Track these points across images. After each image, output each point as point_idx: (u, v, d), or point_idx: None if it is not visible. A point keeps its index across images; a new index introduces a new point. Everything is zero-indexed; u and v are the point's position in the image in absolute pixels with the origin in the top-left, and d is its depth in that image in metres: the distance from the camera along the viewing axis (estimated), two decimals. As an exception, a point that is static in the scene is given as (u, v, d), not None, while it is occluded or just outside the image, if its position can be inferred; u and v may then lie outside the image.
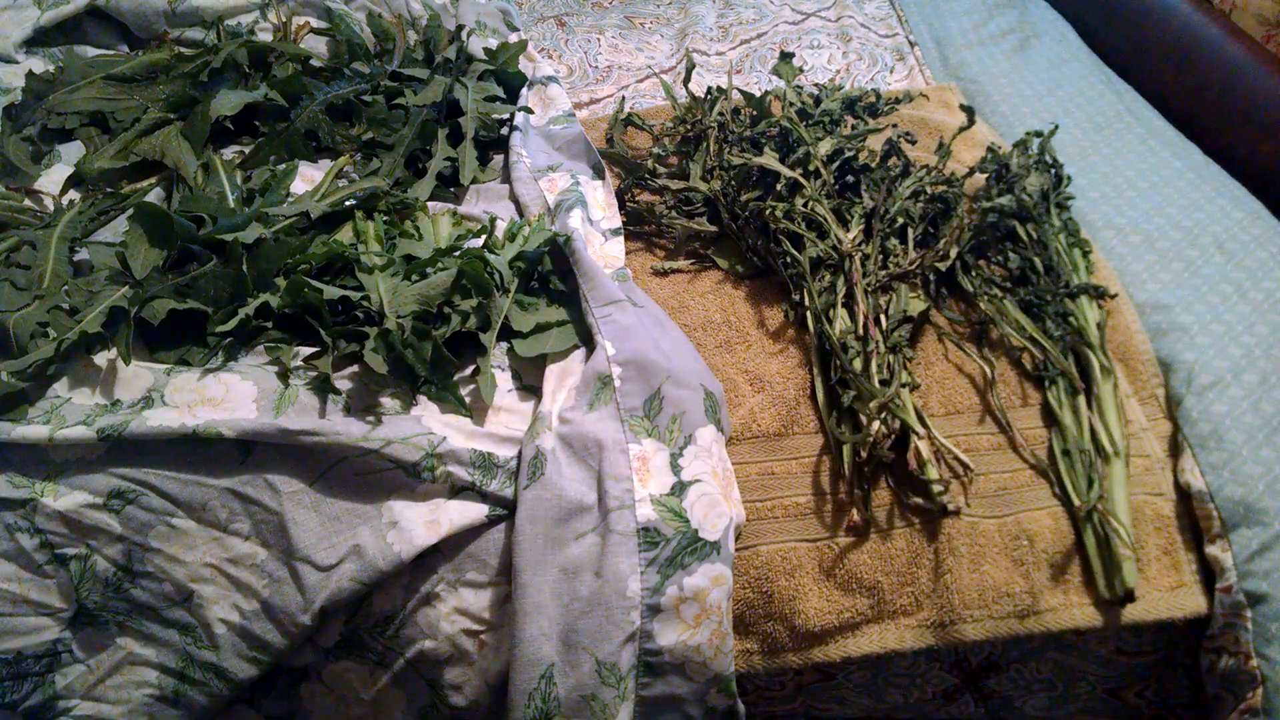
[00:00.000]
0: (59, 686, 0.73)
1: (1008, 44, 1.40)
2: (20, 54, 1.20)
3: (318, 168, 1.05)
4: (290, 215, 0.92)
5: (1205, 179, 1.11)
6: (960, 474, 0.82)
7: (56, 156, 1.07)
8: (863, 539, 0.80)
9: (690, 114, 1.16)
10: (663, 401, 0.79)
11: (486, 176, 1.09)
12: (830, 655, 0.79)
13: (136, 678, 0.73)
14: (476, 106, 1.11)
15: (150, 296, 0.83)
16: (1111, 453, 0.82)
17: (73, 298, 0.84)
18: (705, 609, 0.72)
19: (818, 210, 0.95)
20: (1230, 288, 0.96)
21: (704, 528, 0.73)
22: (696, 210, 1.05)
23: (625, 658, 0.71)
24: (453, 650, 0.76)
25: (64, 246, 0.90)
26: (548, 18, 1.53)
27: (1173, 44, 1.32)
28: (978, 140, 1.16)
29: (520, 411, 0.83)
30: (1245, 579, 0.77)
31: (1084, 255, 0.97)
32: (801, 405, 0.86)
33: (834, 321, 0.88)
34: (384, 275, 0.85)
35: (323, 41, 1.26)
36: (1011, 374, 0.90)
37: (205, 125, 1.03)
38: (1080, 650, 0.83)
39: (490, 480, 0.77)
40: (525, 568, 0.73)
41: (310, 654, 0.76)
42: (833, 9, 1.53)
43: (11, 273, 0.86)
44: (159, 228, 0.86)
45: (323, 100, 1.08)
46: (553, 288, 0.91)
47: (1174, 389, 0.88)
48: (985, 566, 0.79)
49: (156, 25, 1.24)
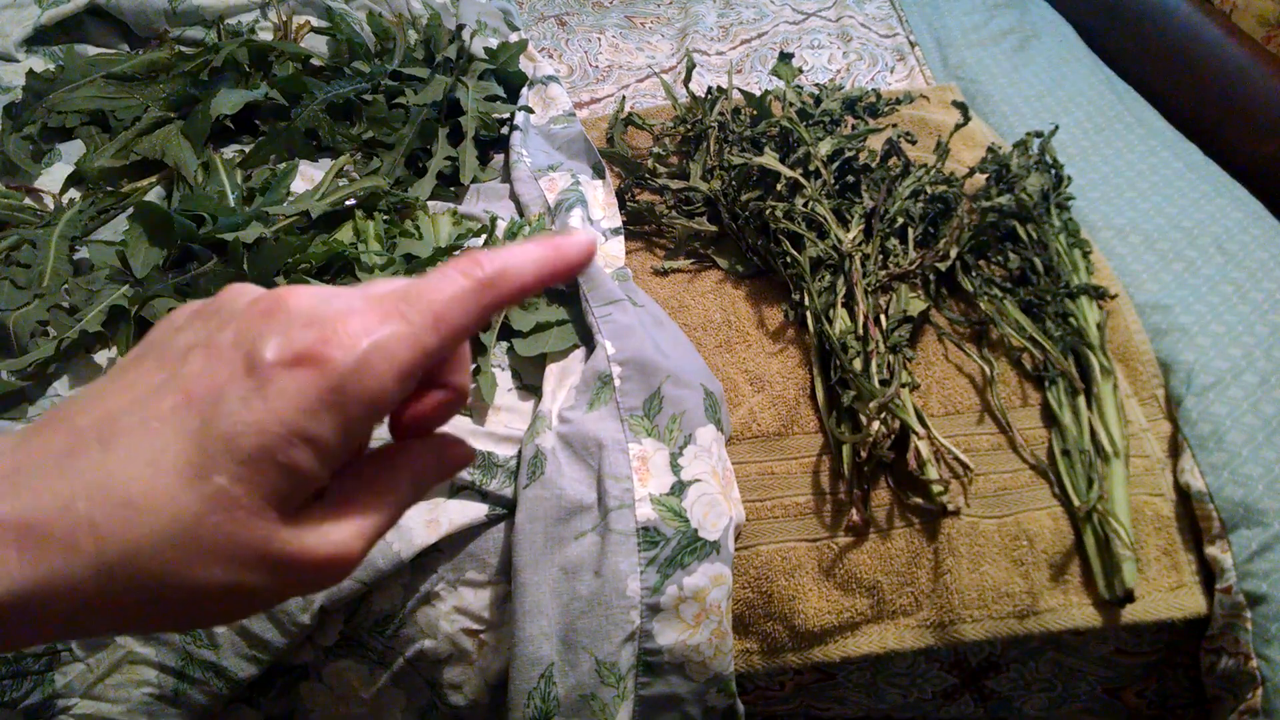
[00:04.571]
0: (59, 685, 0.73)
1: (1008, 44, 1.41)
2: (21, 52, 1.20)
3: (318, 167, 1.05)
4: (291, 214, 0.92)
5: (1205, 179, 1.11)
6: (960, 474, 0.82)
7: (57, 155, 1.07)
8: (862, 539, 0.80)
9: (690, 114, 1.16)
10: (663, 401, 0.79)
11: (487, 176, 1.09)
12: (830, 655, 0.79)
13: (136, 676, 0.73)
14: (477, 106, 1.11)
15: (150, 295, 0.83)
16: (1111, 453, 0.82)
17: (73, 296, 0.85)
18: (705, 609, 0.72)
19: (818, 210, 0.95)
20: (1230, 288, 0.96)
21: (704, 527, 0.73)
22: (696, 210, 1.05)
23: (625, 657, 0.71)
24: (452, 649, 0.76)
25: (64, 245, 0.90)
26: (548, 17, 1.53)
27: (1173, 44, 1.32)
28: (978, 140, 1.16)
29: (520, 411, 0.83)
30: (1245, 579, 0.77)
31: (1084, 255, 0.97)
32: (801, 405, 0.86)
33: (834, 321, 0.88)
34: (384, 275, 0.85)
35: (323, 41, 1.26)
36: (1011, 374, 0.90)
37: (205, 124, 1.03)
38: (1080, 650, 0.83)
39: (490, 479, 0.77)
40: (525, 567, 0.73)
41: (310, 653, 0.76)
42: (833, 9, 1.54)
43: (12, 271, 0.86)
44: (159, 227, 0.86)
45: (323, 99, 1.08)
46: (553, 287, 0.91)
47: (1174, 389, 0.88)
48: (985, 566, 0.79)
49: (157, 24, 1.24)
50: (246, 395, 0.24)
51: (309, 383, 0.24)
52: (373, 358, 0.25)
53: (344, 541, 0.26)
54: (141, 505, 0.24)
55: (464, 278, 0.27)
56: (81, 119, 1.08)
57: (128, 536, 0.23)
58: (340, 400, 0.25)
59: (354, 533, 0.26)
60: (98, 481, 0.24)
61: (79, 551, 0.23)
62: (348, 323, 0.25)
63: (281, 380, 0.24)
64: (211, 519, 0.24)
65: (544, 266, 0.28)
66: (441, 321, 0.26)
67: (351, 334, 0.25)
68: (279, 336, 0.25)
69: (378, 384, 0.25)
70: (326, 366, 0.24)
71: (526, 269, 0.28)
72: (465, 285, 0.27)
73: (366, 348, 0.25)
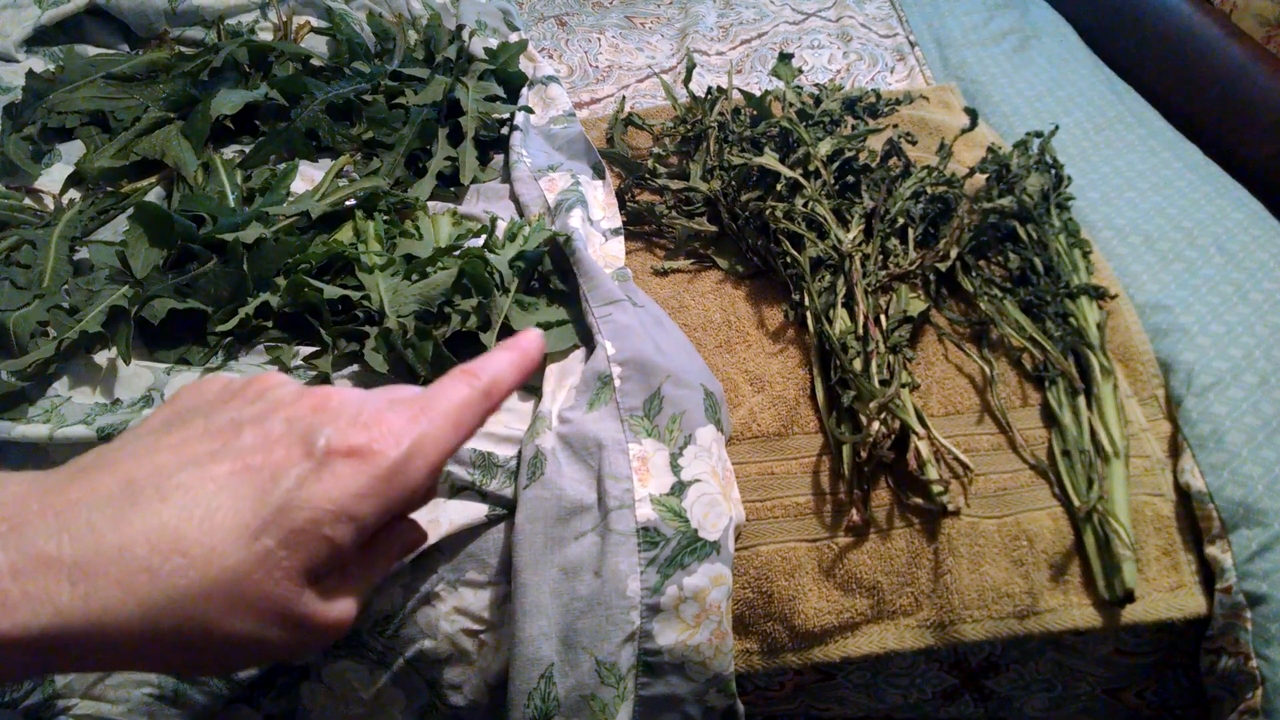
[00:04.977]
0: (59, 685, 0.73)
1: (1008, 44, 1.41)
2: (20, 53, 1.20)
3: (318, 167, 1.05)
4: (290, 215, 0.92)
5: (1205, 179, 1.11)
6: (960, 474, 0.82)
7: (57, 155, 1.07)
8: (862, 539, 0.80)
9: (690, 114, 1.16)
10: (663, 401, 0.79)
11: (487, 176, 1.09)
12: (830, 655, 0.79)
13: (136, 676, 0.73)
14: (477, 106, 1.11)
15: (150, 296, 0.83)
16: (1111, 453, 0.82)
17: (73, 297, 0.85)
18: (705, 609, 0.72)
19: (818, 210, 0.95)
20: (1230, 288, 0.96)
21: (704, 527, 0.73)
22: (696, 210, 1.05)
23: (625, 657, 0.71)
24: (452, 650, 0.76)
25: (64, 245, 0.90)
26: (548, 17, 1.53)
27: (1173, 44, 1.32)
28: (978, 140, 1.16)
29: (520, 411, 0.83)
30: (1245, 580, 0.77)
31: (1084, 256, 0.97)
32: (801, 405, 0.86)
33: (834, 321, 0.88)
34: (384, 275, 0.85)
35: (323, 41, 1.26)
36: (1011, 374, 0.90)
37: (205, 124, 1.03)
38: (1080, 651, 0.83)
39: (490, 480, 0.77)
40: (525, 567, 0.73)
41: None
42: (833, 9, 1.54)
43: (11, 272, 0.86)
44: (159, 227, 0.86)
45: (323, 100, 1.08)
46: (553, 288, 0.91)
47: (1174, 390, 0.89)
48: (985, 567, 0.79)
49: (157, 24, 1.24)
50: (304, 476, 0.28)
51: (361, 472, 0.28)
52: (413, 454, 0.29)
53: (347, 607, 0.30)
54: (196, 556, 0.26)
55: (469, 388, 0.32)
56: (81, 119, 1.08)
57: (179, 583, 0.26)
58: (386, 489, 0.29)
59: (353, 601, 0.31)
60: (156, 529, 0.26)
61: (132, 592, 0.25)
62: (390, 423, 0.29)
63: (337, 467, 0.28)
64: (255, 575, 0.27)
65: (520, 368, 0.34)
66: (460, 425, 0.31)
67: (395, 434, 0.29)
68: (332, 429, 0.29)
69: (417, 476, 0.30)
70: (376, 459, 0.29)
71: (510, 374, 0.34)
72: (471, 395, 0.32)
73: (409, 446, 0.29)
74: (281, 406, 0.30)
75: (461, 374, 0.32)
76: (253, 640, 0.28)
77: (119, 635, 0.25)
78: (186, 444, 0.28)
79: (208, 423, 0.29)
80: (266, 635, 0.28)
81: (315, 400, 0.30)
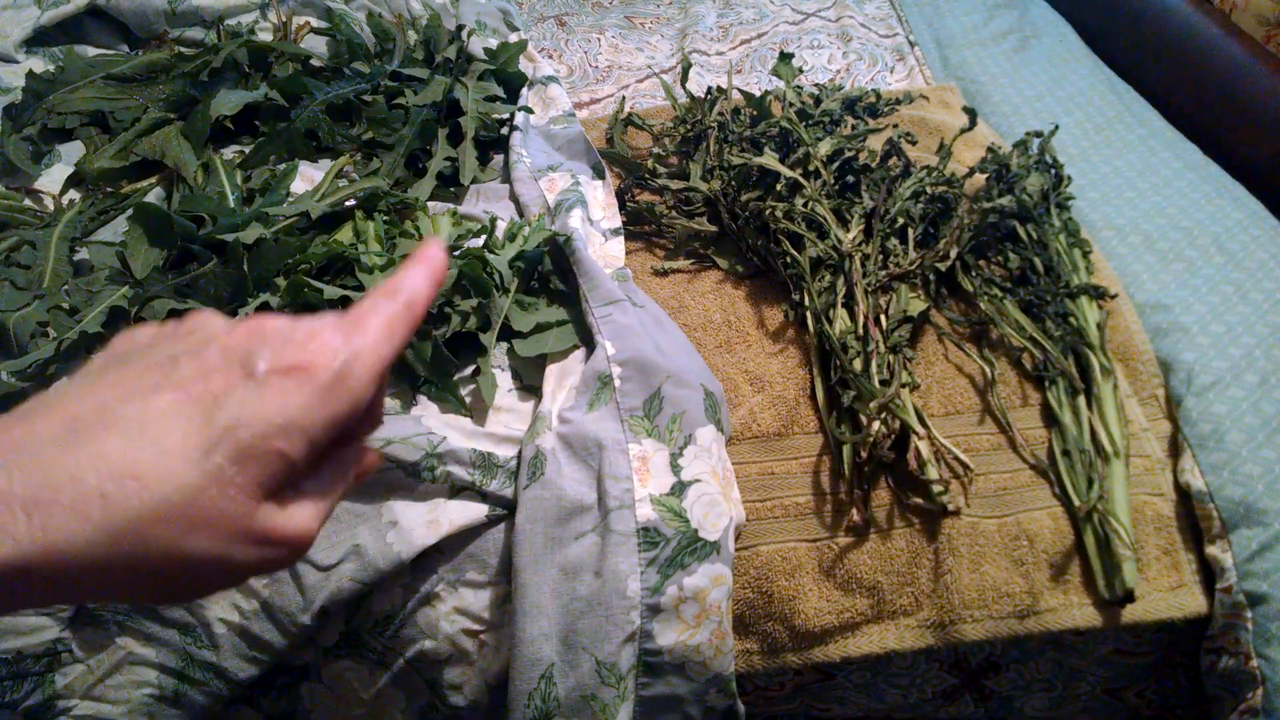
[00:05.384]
0: (59, 686, 0.73)
1: (1008, 44, 1.40)
2: (20, 53, 1.20)
3: (318, 167, 1.05)
4: (290, 215, 0.92)
5: (1205, 179, 1.11)
6: (960, 474, 0.82)
7: (57, 156, 1.07)
8: (862, 539, 0.80)
9: (690, 114, 1.16)
10: (663, 401, 0.79)
11: (486, 176, 1.09)
12: (830, 655, 0.79)
13: (136, 677, 0.73)
14: (476, 106, 1.11)
15: (150, 296, 0.83)
16: (1111, 453, 0.82)
17: (73, 297, 0.85)
18: (705, 609, 0.72)
19: (818, 210, 0.95)
20: (1230, 288, 0.96)
21: (704, 527, 0.73)
22: (696, 210, 1.05)
23: (625, 658, 0.71)
24: (452, 650, 0.76)
25: (64, 246, 0.90)
26: (548, 17, 1.53)
27: (1173, 44, 1.32)
28: (978, 140, 1.16)
29: (520, 411, 0.83)
30: (1245, 579, 0.77)
31: (1084, 255, 0.97)
32: (801, 405, 0.86)
33: (834, 321, 0.88)
34: (384, 275, 0.85)
35: (323, 41, 1.26)
36: (1011, 374, 0.90)
37: (205, 125, 1.03)
38: (1080, 650, 0.83)
39: (490, 480, 0.77)
40: (525, 567, 0.73)
41: (310, 653, 0.76)
42: (833, 9, 1.53)
43: (11, 272, 0.86)
44: (159, 228, 0.86)
45: (323, 100, 1.08)
46: (553, 288, 0.91)
47: (1174, 389, 0.88)
48: (985, 566, 0.79)
49: (156, 25, 1.24)
50: (246, 396, 0.29)
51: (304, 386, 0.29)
52: (351, 363, 0.30)
53: (307, 520, 0.30)
54: (148, 478, 0.27)
55: (392, 303, 0.33)
56: (81, 120, 1.08)
57: (133, 506, 0.27)
58: (330, 399, 0.29)
59: (312, 514, 0.31)
60: (105, 457, 0.27)
61: (87, 519, 0.26)
62: (325, 339, 0.30)
63: (280, 383, 0.29)
64: (209, 493, 0.27)
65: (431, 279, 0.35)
66: (392, 336, 0.32)
67: (332, 349, 0.30)
68: (269, 350, 0.29)
69: (358, 386, 0.30)
70: (317, 372, 0.29)
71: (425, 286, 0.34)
72: (396, 308, 0.33)
73: (346, 357, 0.30)
74: (215, 338, 0.31)
75: (380, 293, 0.33)
76: (216, 559, 0.28)
77: (81, 563, 0.26)
78: (125, 380, 0.29)
79: (145, 361, 0.30)
80: (229, 553, 0.28)
81: (248, 328, 0.31)
